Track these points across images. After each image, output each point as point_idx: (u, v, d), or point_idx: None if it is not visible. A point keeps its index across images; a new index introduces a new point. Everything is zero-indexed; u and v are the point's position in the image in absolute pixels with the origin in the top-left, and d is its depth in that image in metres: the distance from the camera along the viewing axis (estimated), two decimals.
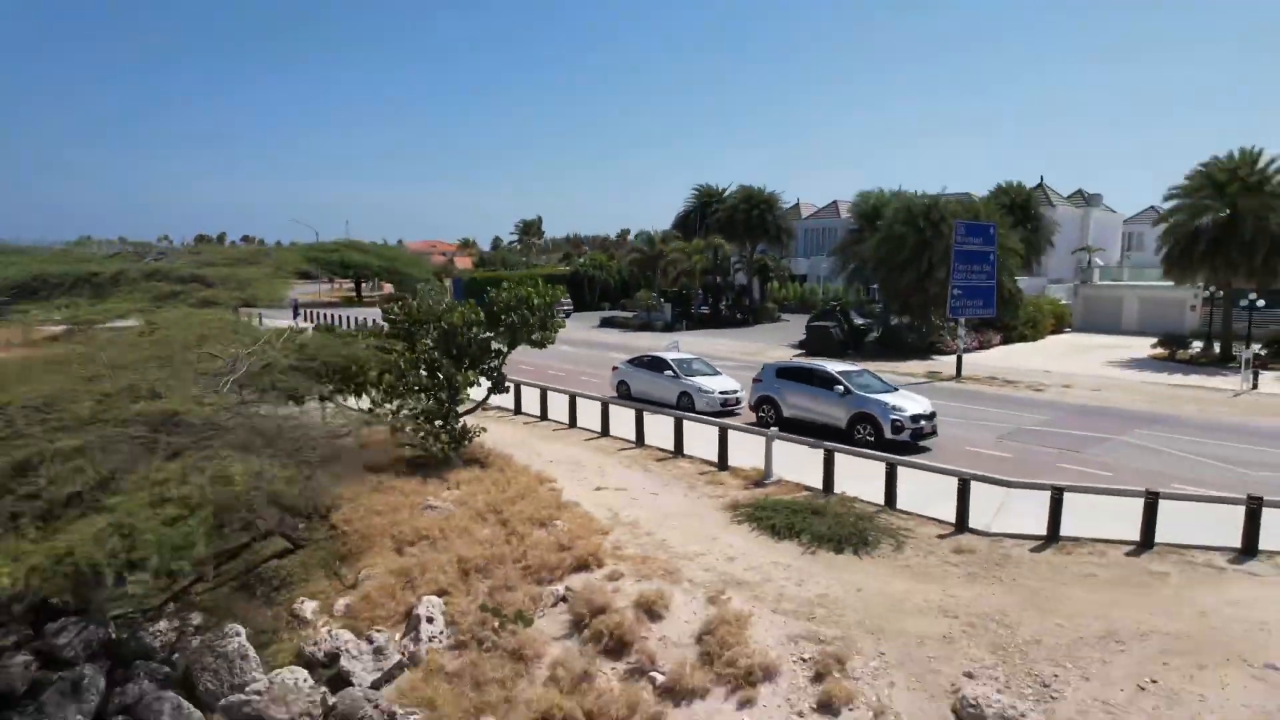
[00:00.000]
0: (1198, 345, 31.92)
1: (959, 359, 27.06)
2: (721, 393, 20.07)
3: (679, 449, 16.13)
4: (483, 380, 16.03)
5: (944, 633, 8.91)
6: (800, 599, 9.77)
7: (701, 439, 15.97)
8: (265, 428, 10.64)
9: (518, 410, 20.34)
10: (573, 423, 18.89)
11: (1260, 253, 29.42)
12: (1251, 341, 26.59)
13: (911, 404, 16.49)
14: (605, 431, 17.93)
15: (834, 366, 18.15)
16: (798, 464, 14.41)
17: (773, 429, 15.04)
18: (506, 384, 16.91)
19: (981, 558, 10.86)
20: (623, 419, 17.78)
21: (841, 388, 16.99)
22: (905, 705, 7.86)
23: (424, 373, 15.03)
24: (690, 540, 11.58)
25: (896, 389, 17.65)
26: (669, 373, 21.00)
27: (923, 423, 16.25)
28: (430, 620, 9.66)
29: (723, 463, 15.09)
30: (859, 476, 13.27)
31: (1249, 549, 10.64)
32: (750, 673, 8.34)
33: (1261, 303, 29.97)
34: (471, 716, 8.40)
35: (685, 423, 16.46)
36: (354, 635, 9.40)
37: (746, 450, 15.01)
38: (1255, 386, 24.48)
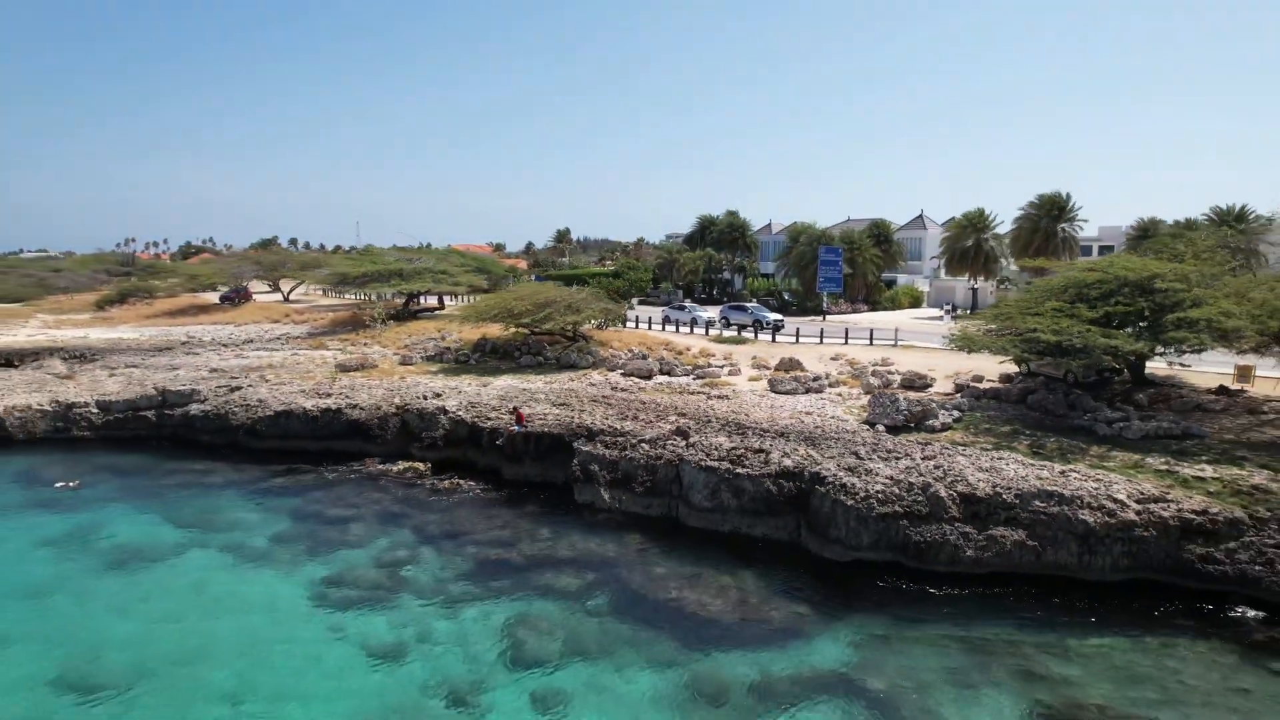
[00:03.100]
0: (960, 310, 60.84)
1: (824, 312, 56.09)
2: (706, 316, 49.09)
3: (692, 329, 45.28)
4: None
5: (759, 355, 37.85)
6: (722, 353, 38.76)
7: (699, 329, 45.12)
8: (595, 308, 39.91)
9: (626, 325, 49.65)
10: (650, 326, 48.00)
11: (980, 261, 58.62)
12: (973, 307, 55.82)
13: (772, 316, 45.67)
14: (663, 329, 47.07)
15: (747, 305, 47.38)
16: (731, 334, 43.49)
17: (720, 321, 44.36)
18: (630, 308, 46.07)
19: (776, 344, 39.86)
20: (668, 327, 46.95)
21: (749, 310, 46.22)
22: (744, 365, 36.74)
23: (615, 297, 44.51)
24: (699, 345, 40.57)
25: (769, 311, 46.79)
26: (686, 310, 50.15)
27: (777, 322, 45.27)
28: (642, 355, 38.57)
29: (706, 332, 44.20)
30: (749, 332, 42.47)
31: (775, 337, 39.75)
32: (709, 359, 37.44)
33: (1005, 286, 59.43)
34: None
35: (695, 325, 45.62)
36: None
37: (715, 331, 44.12)
38: (954, 321, 53.34)
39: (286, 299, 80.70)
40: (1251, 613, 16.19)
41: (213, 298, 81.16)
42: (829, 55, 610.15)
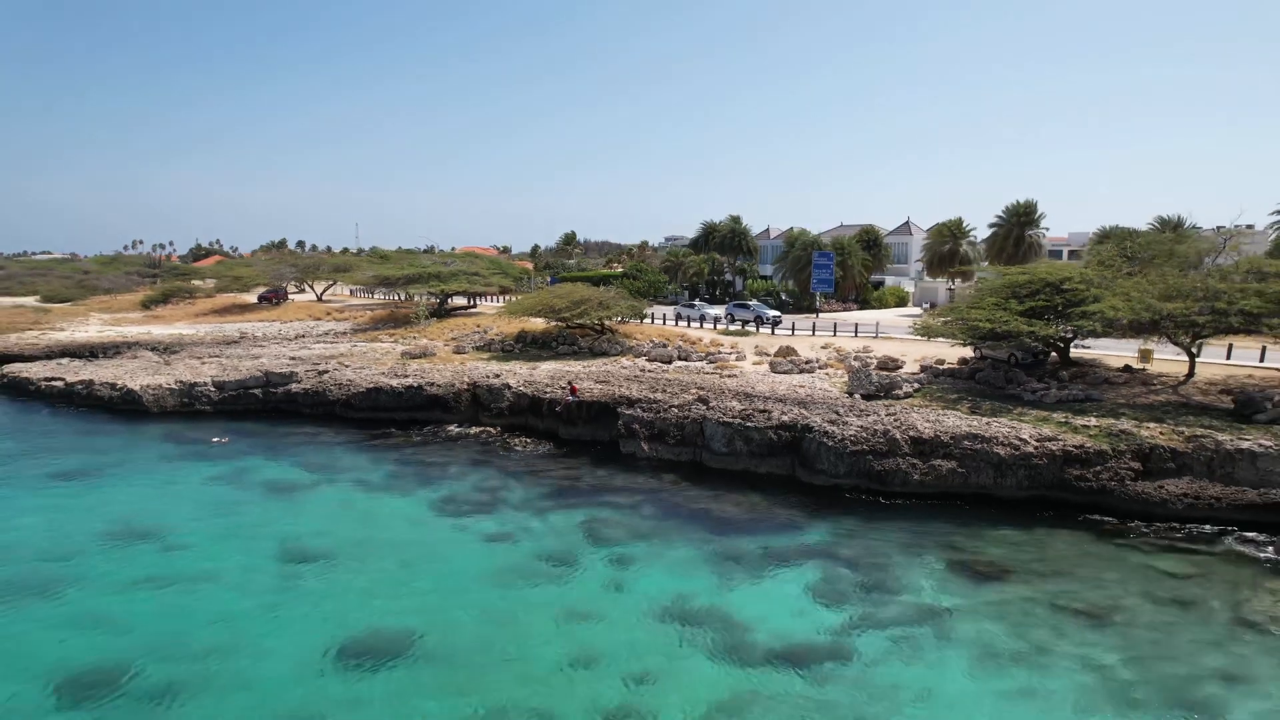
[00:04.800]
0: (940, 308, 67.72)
1: (817, 310, 63.05)
2: (714, 313, 55.99)
3: (701, 324, 52.21)
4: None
5: (760, 344, 44.68)
6: (729, 343, 45.61)
7: (707, 324, 52.02)
8: (623, 305, 46.80)
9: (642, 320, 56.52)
10: (664, 322, 54.84)
11: (957, 264, 65.66)
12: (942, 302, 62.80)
13: (771, 312, 52.64)
14: (677, 323, 53.95)
15: (749, 303, 54.39)
16: (735, 328, 50.39)
17: (726, 317, 51.27)
18: (648, 308, 52.96)
19: (775, 336, 46.73)
20: (680, 322, 53.85)
21: (751, 307, 53.24)
22: (749, 352, 43.57)
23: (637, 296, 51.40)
24: (709, 337, 47.43)
25: (769, 308, 53.77)
26: (696, 308, 57.07)
27: (776, 317, 52.20)
28: (662, 344, 45.38)
29: (715, 326, 51.09)
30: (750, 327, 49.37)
31: (773, 327, 46.68)
32: (721, 349, 44.31)
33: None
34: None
35: (704, 321, 52.51)
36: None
37: (721, 325, 51.02)
38: None
39: (320, 299, 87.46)
40: (1106, 517, 23.07)
41: (250, 298, 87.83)
42: (827, 63, 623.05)
